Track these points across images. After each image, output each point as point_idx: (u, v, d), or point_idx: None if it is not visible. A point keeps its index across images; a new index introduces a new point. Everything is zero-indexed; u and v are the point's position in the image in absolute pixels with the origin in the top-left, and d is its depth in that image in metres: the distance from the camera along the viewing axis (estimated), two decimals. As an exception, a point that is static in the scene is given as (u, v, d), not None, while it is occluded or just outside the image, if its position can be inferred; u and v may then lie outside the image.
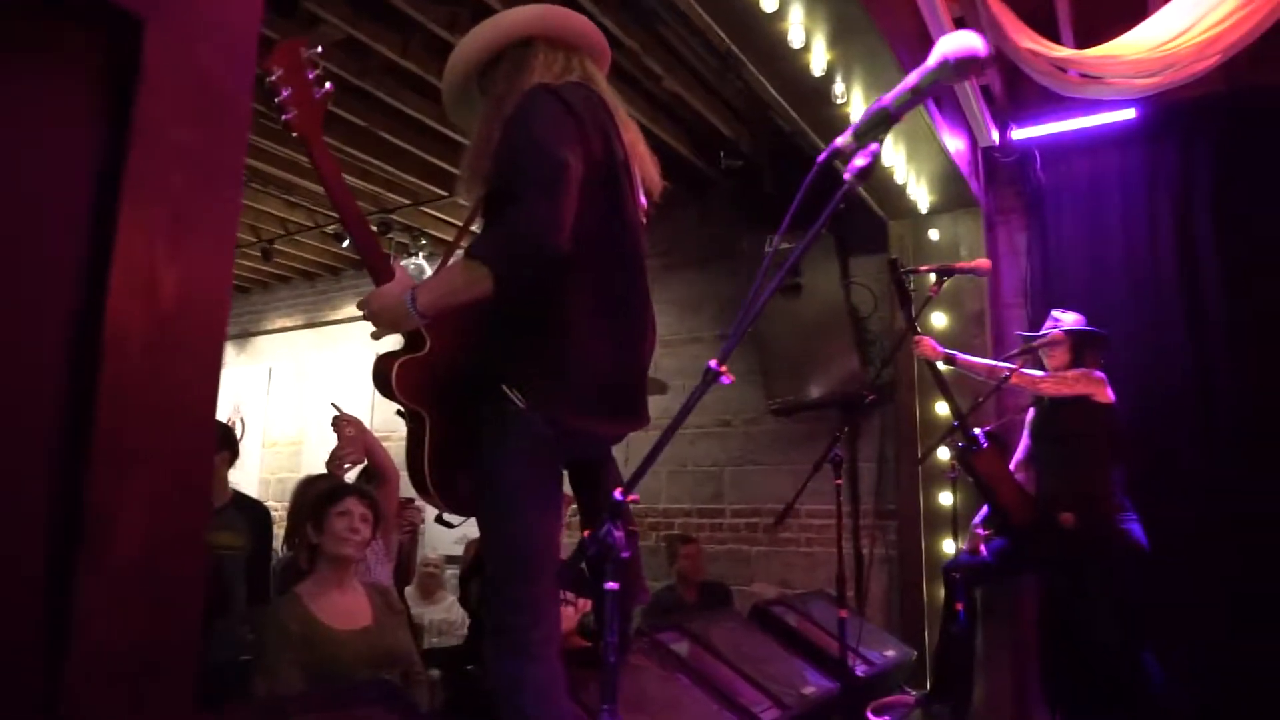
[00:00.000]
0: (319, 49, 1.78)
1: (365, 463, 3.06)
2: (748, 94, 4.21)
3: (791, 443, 5.15)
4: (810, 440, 5.09)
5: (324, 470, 3.47)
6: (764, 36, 2.76)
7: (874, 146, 1.22)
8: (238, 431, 7.63)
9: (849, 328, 4.69)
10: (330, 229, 6.07)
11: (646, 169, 1.98)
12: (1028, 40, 2.97)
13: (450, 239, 6.06)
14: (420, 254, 6.13)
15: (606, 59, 2.08)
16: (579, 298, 1.74)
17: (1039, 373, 3.47)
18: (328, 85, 1.78)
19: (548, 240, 1.59)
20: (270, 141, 4.67)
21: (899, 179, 3.93)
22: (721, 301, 5.41)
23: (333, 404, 3.16)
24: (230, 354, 7.87)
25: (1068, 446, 3.47)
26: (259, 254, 6.45)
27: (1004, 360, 3.56)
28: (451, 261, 1.78)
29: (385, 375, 1.76)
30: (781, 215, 4.50)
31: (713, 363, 1.26)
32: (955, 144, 3.87)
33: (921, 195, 4.21)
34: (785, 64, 2.92)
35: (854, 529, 4.84)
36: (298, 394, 7.20)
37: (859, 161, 1.23)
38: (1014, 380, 3.37)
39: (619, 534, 1.27)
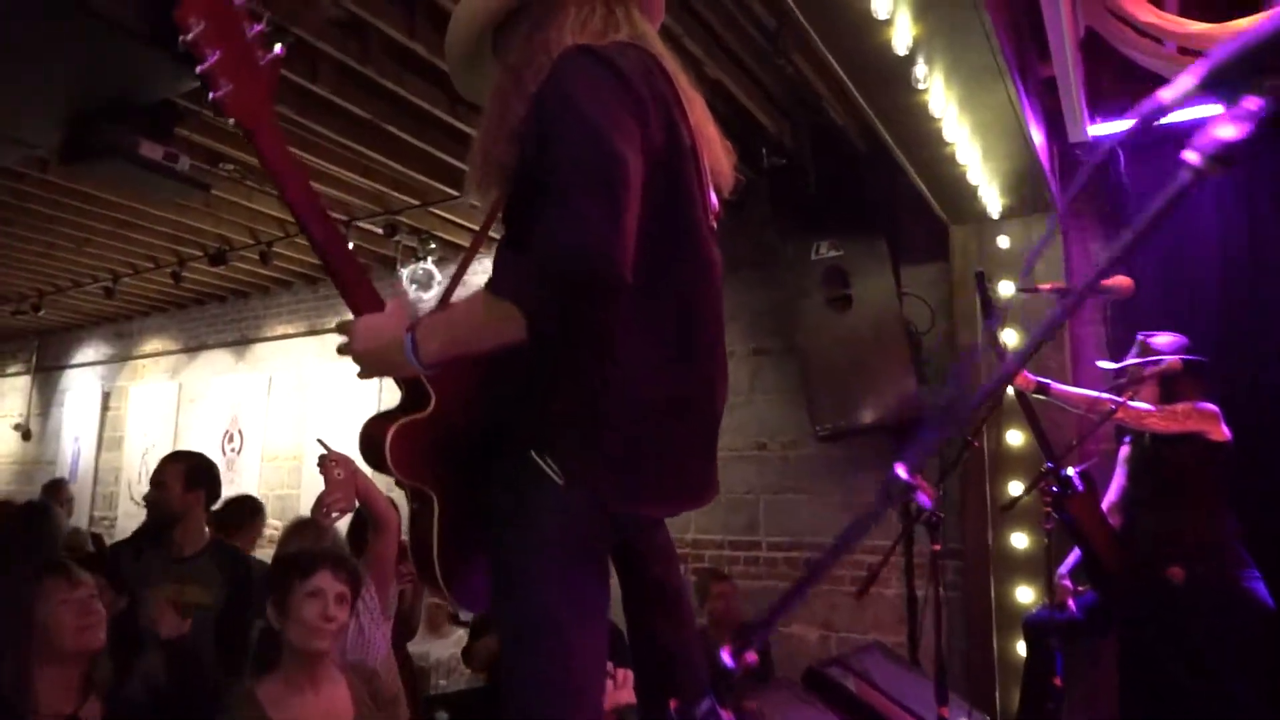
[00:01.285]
0: None
1: (356, 507, 2.60)
2: (793, 82, 3.74)
3: (835, 469, 4.67)
4: (856, 467, 4.61)
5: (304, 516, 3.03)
6: (842, 5, 2.28)
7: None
8: (235, 445, 7.21)
9: (904, 344, 4.20)
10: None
11: (717, 157, 1.48)
12: (1149, 13, 2.49)
13: (463, 243, 5.68)
14: (429, 258, 5.69)
15: (660, 11, 1.59)
16: (633, 335, 1.26)
17: (1146, 406, 2.98)
18: (277, 48, 1.28)
19: (603, 266, 1.11)
20: (263, 134, 4.21)
21: (972, 179, 3.44)
22: (757, 312, 4.92)
23: (319, 440, 2.70)
24: (229, 361, 7.44)
25: (1175, 490, 2.99)
26: (257, 257, 6.01)
27: (1105, 391, 3.07)
28: (466, 294, 1.30)
29: (378, 446, 1.29)
30: (827, 218, 3.96)
31: (901, 469, 0.79)
32: (1037, 139, 3.39)
33: (993, 197, 3.72)
34: (862, 40, 2.44)
35: (907, 568, 4.36)
36: (299, 405, 6.76)
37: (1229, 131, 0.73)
38: (1119, 415, 2.88)
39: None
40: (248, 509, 4.17)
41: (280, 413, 6.90)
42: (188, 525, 3.07)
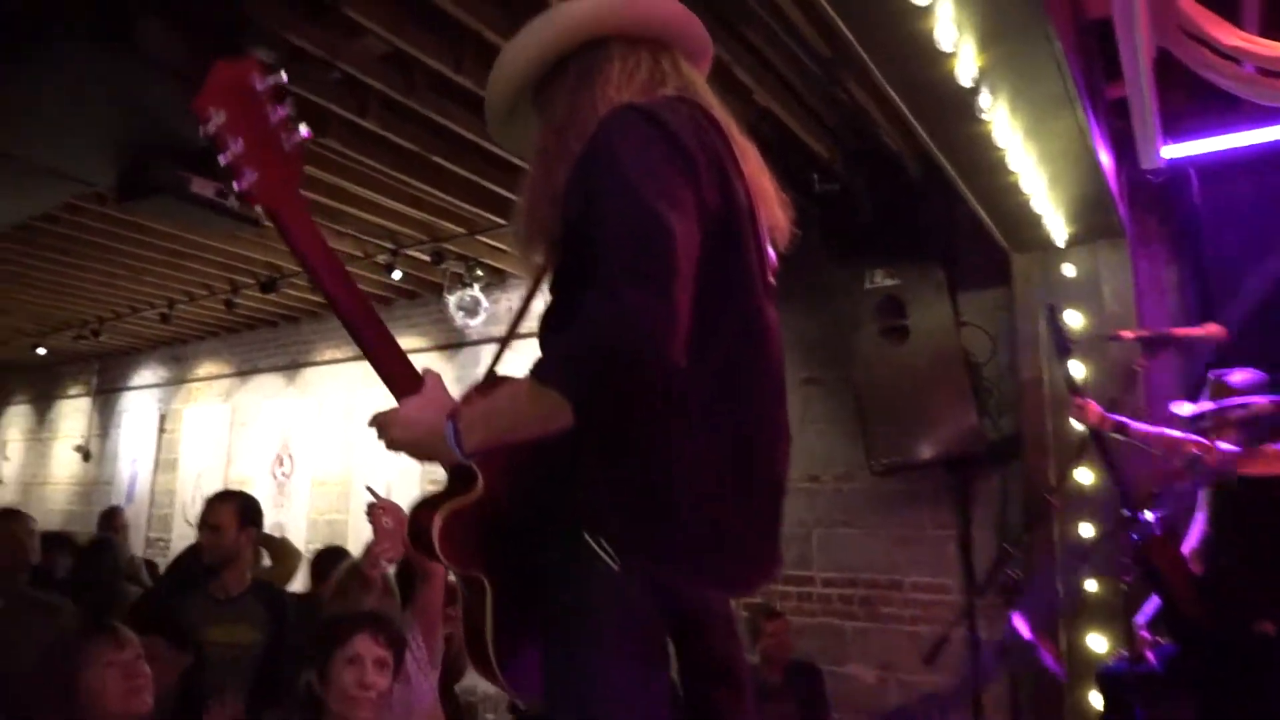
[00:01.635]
0: (281, 73, 1.20)
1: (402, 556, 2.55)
2: (846, 109, 3.63)
3: (890, 503, 4.52)
4: (912, 501, 4.45)
5: (358, 550, 2.99)
6: (903, 37, 2.18)
7: None
8: (285, 469, 7.28)
9: (963, 375, 4.05)
10: (380, 259, 5.65)
11: (773, 211, 1.39)
12: (1230, 35, 2.34)
13: (509, 270, 5.65)
14: (476, 285, 5.68)
15: (707, 56, 1.50)
16: (687, 409, 1.17)
17: (1233, 448, 2.80)
18: (302, 129, 1.19)
19: (654, 352, 1.04)
20: (313, 168, 4.23)
21: (1036, 207, 3.30)
22: (808, 342, 4.79)
23: (368, 488, 2.66)
24: (279, 385, 7.53)
25: (1265, 537, 2.80)
26: (307, 283, 6.07)
27: (1188, 431, 2.90)
28: (509, 380, 1.22)
29: (426, 536, 1.21)
30: (881, 245, 3.83)
31: (1023, 626, 0.68)
32: (1105, 163, 3.23)
33: (1058, 225, 3.56)
34: (924, 71, 2.33)
35: (967, 609, 4.19)
36: (347, 430, 6.79)
37: None
38: (1206, 459, 2.71)
39: None
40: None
41: (329, 437, 6.94)
42: (238, 565, 3.05)
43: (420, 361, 1.26)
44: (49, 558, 4.46)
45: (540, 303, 1.41)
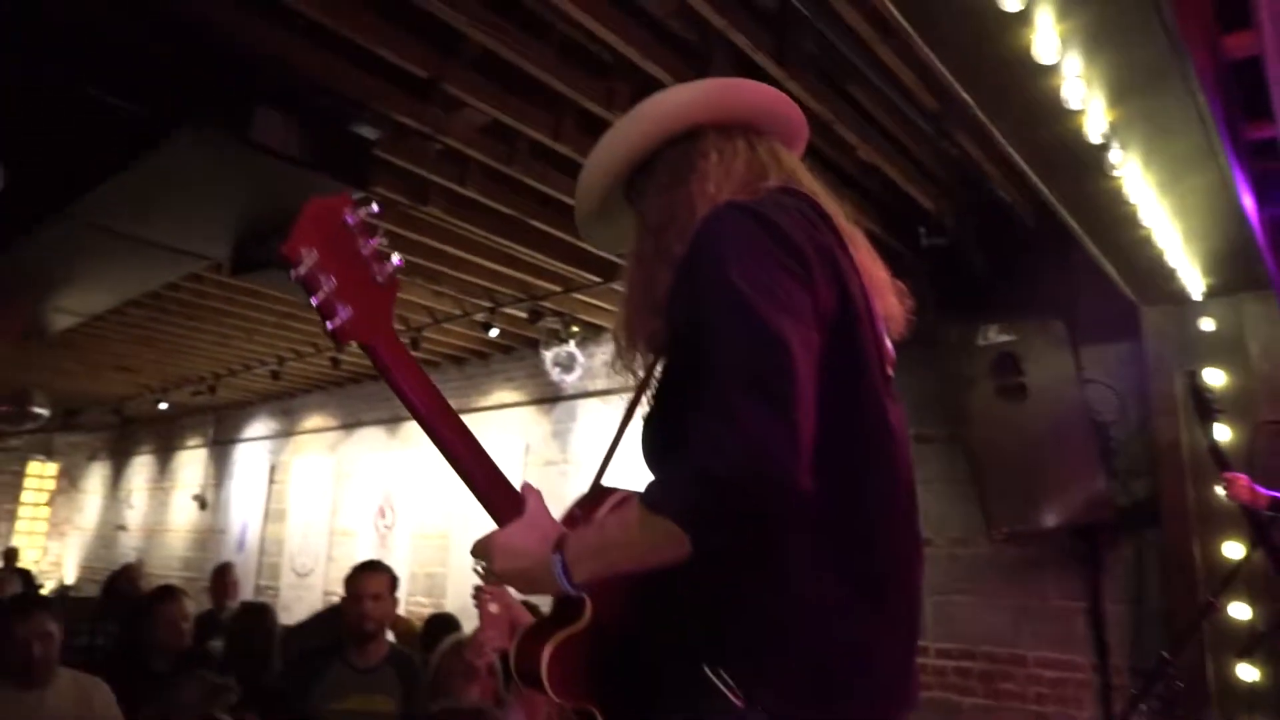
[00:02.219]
0: (373, 205, 1.15)
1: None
2: (954, 161, 3.48)
3: (1011, 570, 4.23)
4: (1035, 569, 4.17)
5: (464, 635, 2.96)
6: (1027, 98, 2.05)
7: None
8: (387, 521, 7.41)
9: (1089, 436, 3.78)
10: (478, 317, 5.73)
11: (889, 303, 1.29)
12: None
13: (605, 325, 5.64)
14: (572, 341, 5.69)
15: (803, 138, 1.42)
16: (811, 532, 1.08)
17: None
18: (395, 259, 1.14)
19: (779, 479, 0.95)
20: (413, 232, 4.33)
21: (1171, 261, 3.06)
22: (918, 396, 4.56)
23: (475, 569, 2.62)
24: (382, 438, 7.69)
25: None
26: (407, 341, 6.21)
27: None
28: (618, 505, 1.15)
29: (533, 669, 1.15)
30: (995, 299, 3.61)
31: None
32: (1247, 209, 2.98)
33: (1194, 278, 3.31)
34: (1049, 130, 2.19)
35: (1102, 688, 3.88)
36: (447, 483, 6.87)
37: None
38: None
39: None
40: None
41: (429, 491, 7.04)
42: (383, 635, 3.07)
43: (516, 416, 1.21)
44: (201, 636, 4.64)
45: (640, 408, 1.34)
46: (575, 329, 5.66)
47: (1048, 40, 1.86)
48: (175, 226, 3.56)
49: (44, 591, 9.54)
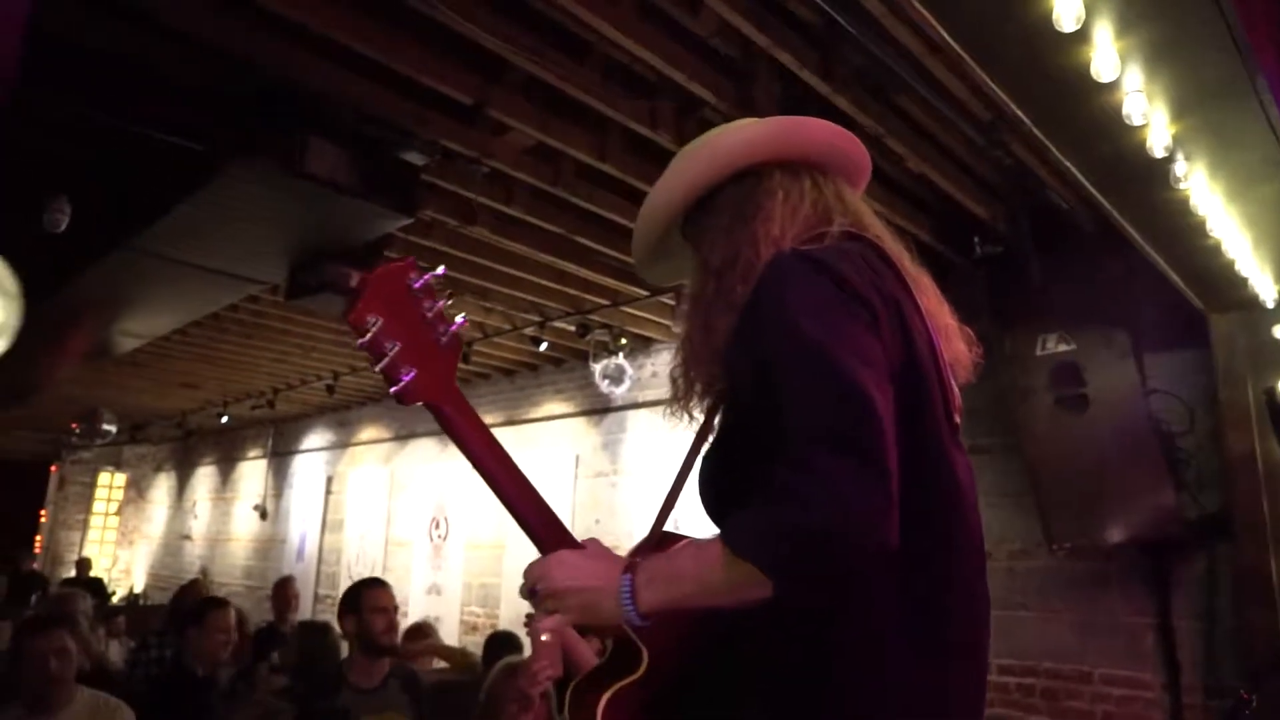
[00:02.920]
0: (439, 269, 1.16)
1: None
2: (1009, 169, 3.39)
3: (1074, 585, 4.12)
4: (1100, 584, 4.04)
5: (518, 658, 2.97)
6: (1087, 114, 1.98)
7: None
8: (441, 532, 7.50)
9: (1155, 447, 3.65)
10: (528, 331, 5.77)
11: (956, 348, 1.26)
12: None
13: (653, 336, 5.64)
14: (620, 353, 5.69)
15: (866, 175, 1.38)
16: (879, 587, 1.05)
17: None
18: (460, 319, 1.16)
19: (869, 533, 0.93)
20: (462, 251, 4.38)
21: (1242, 269, 2.95)
22: (975, 407, 4.44)
23: (525, 596, 2.63)
24: (435, 449, 7.79)
25: None
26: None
27: None
28: (694, 543, 1.12)
29: (588, 718, 1.14)
30: (1054, 308, 3.49)
31: None
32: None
33: (1266, 285, 3.17)
34: (1110, 146, 2.12)
35: (1173, 707, 3.75)
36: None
37: None
38: None
39: None
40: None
41: (482, 501, 7.10)
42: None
43: (566, 427, 1.21)
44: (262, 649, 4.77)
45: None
46: (623, 341, 5.66)
47: (1107, 57, 1.80)
48: (233, 254, 3.65)
49: (114, 600, 9.87)
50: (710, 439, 1.26)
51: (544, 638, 2.35)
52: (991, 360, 4.13)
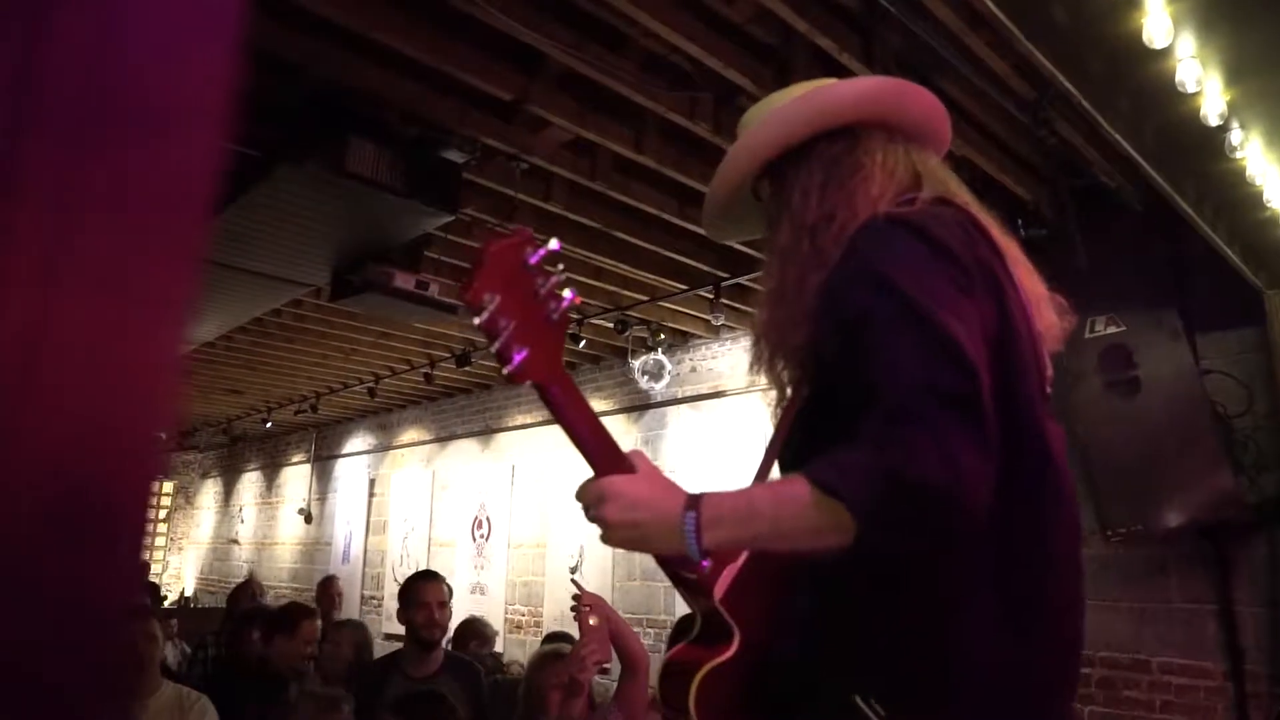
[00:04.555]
0: (553, 242, 1.10)
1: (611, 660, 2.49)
2: (1053, 149, 3.34)
3: (1130, 572, 4.03)
4: (1157, 570, 3.96)
5: (563, 645, 2.97)
6: (1138, 83, 1.94)
7: None
8: (483, 532, 7.55)
9: (1210, 429, 3.57)
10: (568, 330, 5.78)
11: (1047, 316, 1.23)
12: None
13: (692, 331, 5.63)
14: (659, 349, 5.69)
15: (944, 151, 1.37)
16: (972, 554, 1.03)
17: None
18: (568, 294, 1.10)
19: (974, 495, 0.91)
20: (502, 251, 4.39)
21: (1300, 241, 2.87)
22: (1019, 393, 4.42)
23: (573, 579, 2.65)
24: (475, 450, 7.85)
25: None
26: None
27: None
28: (770, 482, 1.09)
29: (681, 698, 1.13)
30: (1102, 289, 3.43)
31: None
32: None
33: (1326, 257, 3.09)
34: (1163, 115, 2.08)
35: (1237, 696, 3.65)
36: (540, 493, 6.97)
37: None
38: None
39: None
40: None
41: (524, 501, 7.14)
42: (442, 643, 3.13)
43: (607, 424, 1.16)
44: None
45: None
46: (662, 336, 5.66)
47: (1159, 23, 1.76)
48: (280, 257, 3.71)
49: (167, 603, 10.08)
50: (796, 413, 1.24)
51: (591, 621, 2.37)
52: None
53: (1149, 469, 3.56)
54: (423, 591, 3.18)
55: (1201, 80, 1.98)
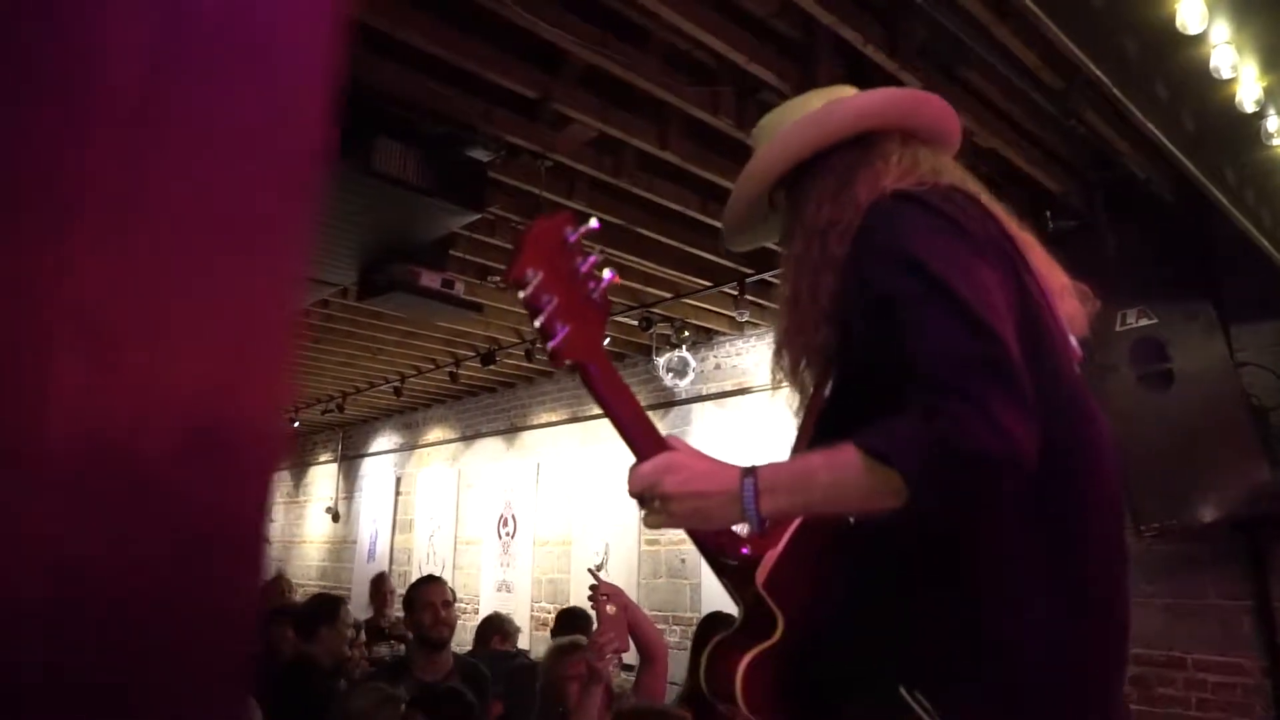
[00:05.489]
0: (593, 221, 1.15)
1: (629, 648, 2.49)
2: (1082, 140, 3.30)
3: (1163, 568, 3.97)
4: (1191, 566, 3.90)
5: (579, 637, 2.99)
6: (1170, 70, 1.92)
7: None
8: (509, 529, 7.59)
9: (1246, 423, 3.51)
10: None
11: (1071, 307, 1.24)
12: None
13: (715, 328, 5.63)
14: (683, 346, 5.69)
15: (956, 148, 1.40)
16: (1019, 536, 1.03)
17: None
18: (607, 273, 1.14)
19: (1021, 457, 0.93)
20: (526, 249, 4.41)
21: (1339, 229, 2.82)
22: (1048, 388, 4.37)
23: (590, 570, 2.65)
24: (500, 448, 7.89)
25: None
26: (522, 353, 6.36)
27: None
28: (822, 450, 1.10)
29: (727, 685, 1.13)
30: (1133, 281, 3.39)
31: None
32: None
33: (1365, 245, 3.02)
34: (1197, 103, 2.04)
35: (1274, 693, 3.60)
36: (566, 491, 6.98)
37: None
38: None
39: None
40: None
41: (549, 498, 7.17)
42: (448, 646, 3.15)
43: None
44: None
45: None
46: (686, 334, 5.65)
47: (1193, 7, 1.74)
48: (309, 257, 3.74)
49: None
50: (826, 402, 1.25)
51: (609, 609, 2.38)
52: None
53: (1182, 463, 3.51)
54: (427, 593, 3.23)
55: (1237, 66, 1.95)
